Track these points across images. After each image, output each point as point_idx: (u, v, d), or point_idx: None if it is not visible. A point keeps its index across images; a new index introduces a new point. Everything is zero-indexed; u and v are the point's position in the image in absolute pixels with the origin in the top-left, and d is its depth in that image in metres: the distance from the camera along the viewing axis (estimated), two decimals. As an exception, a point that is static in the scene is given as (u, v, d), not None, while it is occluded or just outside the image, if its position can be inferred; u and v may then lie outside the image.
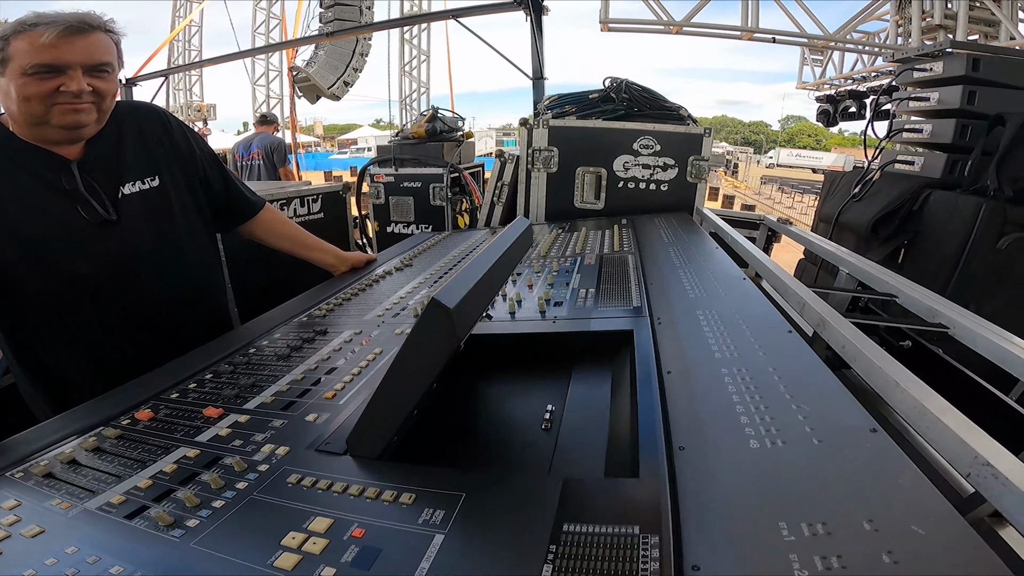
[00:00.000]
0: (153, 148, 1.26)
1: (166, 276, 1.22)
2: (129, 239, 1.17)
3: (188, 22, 13.89)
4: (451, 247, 1.76)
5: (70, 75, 1.08)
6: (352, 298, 1.33)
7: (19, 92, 1.06)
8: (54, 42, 1.06)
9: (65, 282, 1.10)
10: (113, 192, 1.17)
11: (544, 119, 1.99)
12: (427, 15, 4.97)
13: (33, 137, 1.11)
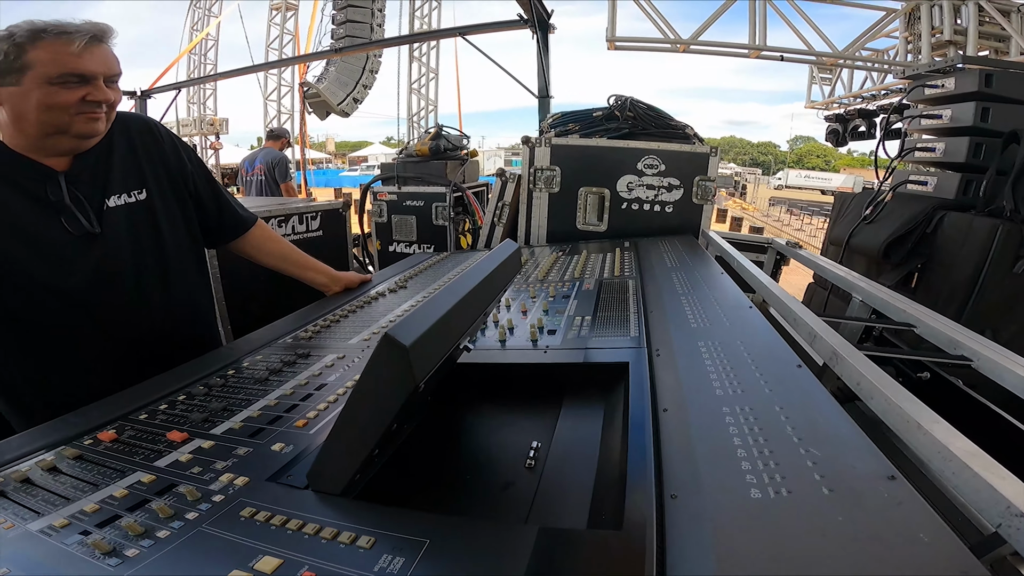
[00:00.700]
0: (142, 161, 1.25)
1: (149, 291, 1.20)
2: (112, 252, 1.16)
3: (204, 35, 14.22)
4: (448, 268, 1.74)
5: (95, 85, 1.09)
6: (341, 320, 1.29)
7: (43, 101, 1.05)
8: (80, 52, 1.07)
9: (45, 294, 1.09)
10: (98, 204, 1.16)
11: (546, 137, 1.97)
12: (435, 32, 5.05)
13: (27, 148, 1.10)
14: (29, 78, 1.05)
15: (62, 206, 1.11)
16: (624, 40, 5.52)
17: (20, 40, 1.04)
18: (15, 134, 1.10)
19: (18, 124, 1.09)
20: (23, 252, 1.07)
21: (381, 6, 12.22)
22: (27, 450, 0.77)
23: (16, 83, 1.05)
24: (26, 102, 1.06)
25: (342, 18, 11.74)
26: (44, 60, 1.04)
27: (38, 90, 1.05)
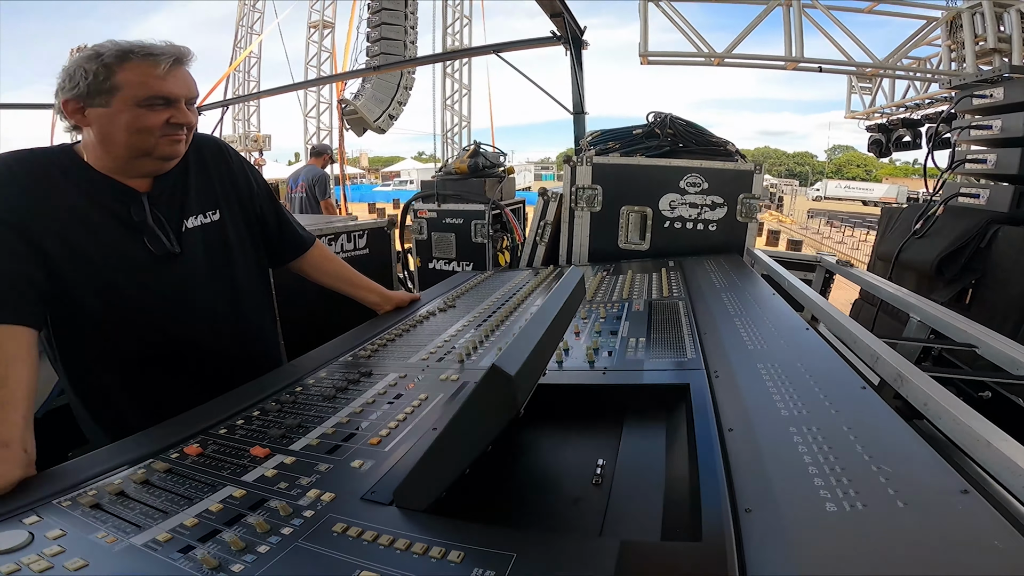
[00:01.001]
0: (215, 182, 1.30)
1: (221, 310, 1.27)
2: (189, 272, 1.21)
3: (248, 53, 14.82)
4: (493, 288, 1.78)
5: (178, 107, 1.12)
6: (396, 339, 1.35)
7: (132, 124, 1.08)
8: (165, 74, 1.09)
9: (125, 311, 1.14)
10: (177, 225, 1.21)
11: (587, 156, 2.01)
12: (469, 50, 5.19)
13: (113, 169, 1.14)
14: (118, 100, 1.07)
15: (145, 227, 1.15)
16: (657, 55, 5.55)
17: (108, 61, 1.05)
18: (102, 155, 1.13)
19: (105, 145, 1.11)
20: (109, 269, 1.11)
21: (413, 23, 12.66)
22: (117, 463, 0.83)
23: (105, 104, 1.07)
24: (114, 124, 1.08)
25: (376, 35, 12.22)
26: (132, 82, 1.06)
27: (127, 112, 1.07)
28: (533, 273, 1.91)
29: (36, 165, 1.09)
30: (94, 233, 1.10)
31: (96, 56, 1.05)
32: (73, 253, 1.07)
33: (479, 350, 1.19)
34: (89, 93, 1.05)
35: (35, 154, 1.11)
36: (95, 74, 1.04)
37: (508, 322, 1.36)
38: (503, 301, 1.58)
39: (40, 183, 1.07)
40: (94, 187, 1.12)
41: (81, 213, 1.09)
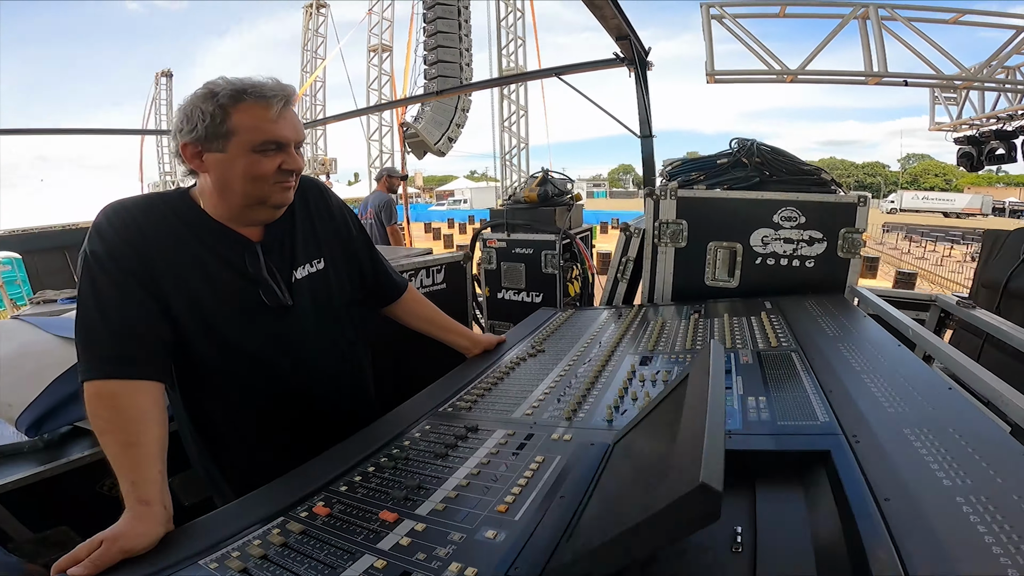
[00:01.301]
0: (318, 229, 1.30)
1: (327, 358, 1.29)
2: (300, 323, 1.22)
3: (314, 79, 15.63)
4: (579, 329, 1.76)
5: (289, 152, 1.10)
6: (492, 388, 1.36)
7: (248, 171, 1.06)
8: (277, 117, 1.07)
9: (237, 360, 1.16)
10: (287, 276, 1.21)
11: (670, 188, 1.98)
12: (531, 73, 5.26)
13: (227, 217, 1.13)
14: (234, 145, 1.05)
15: (260, 279, 1.15)
16: (725, 74, 5.43)
17: (223, 101, 1.03)
18: (218, 203, 1.12)
19: (222, 193, 1.10)
20: (224, 320, 1.13)
21: (467, 45, 13.11)
22: (248, 520, 0.87)
23: (222, 150, 1.05)
24: (231, 171, 1.07)
25: (433, 59, 12.72)
26: (247, 126, 1.04)
27: (242, 158, 1.06)
28: (616, 314, 1.89)
29: (158, 213, 1.09)
30: (212, 284, 1.11)
31: (211, 96, 1.03)
32: (191, 304, 1.09)
33: (584, 405, 1.19)
34: (207, 137, 1.04)
35: (156, 201, 1.12)
36: (212, 116, 1.03)
37: (606, 373, 1.35)
38: (594, 347, 1.56)
39: (162, 232, 1.08)
40: (212, 236, 1.12)
41: (200, 263, 1.10)
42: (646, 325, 1.70)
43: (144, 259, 1.04)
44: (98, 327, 0.99)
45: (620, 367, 1.38)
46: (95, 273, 1.01)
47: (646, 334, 1.61)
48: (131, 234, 1.04)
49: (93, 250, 1.03)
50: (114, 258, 1.02)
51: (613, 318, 1.84)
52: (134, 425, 0.94)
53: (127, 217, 1.06)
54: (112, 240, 1.03)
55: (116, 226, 1.04)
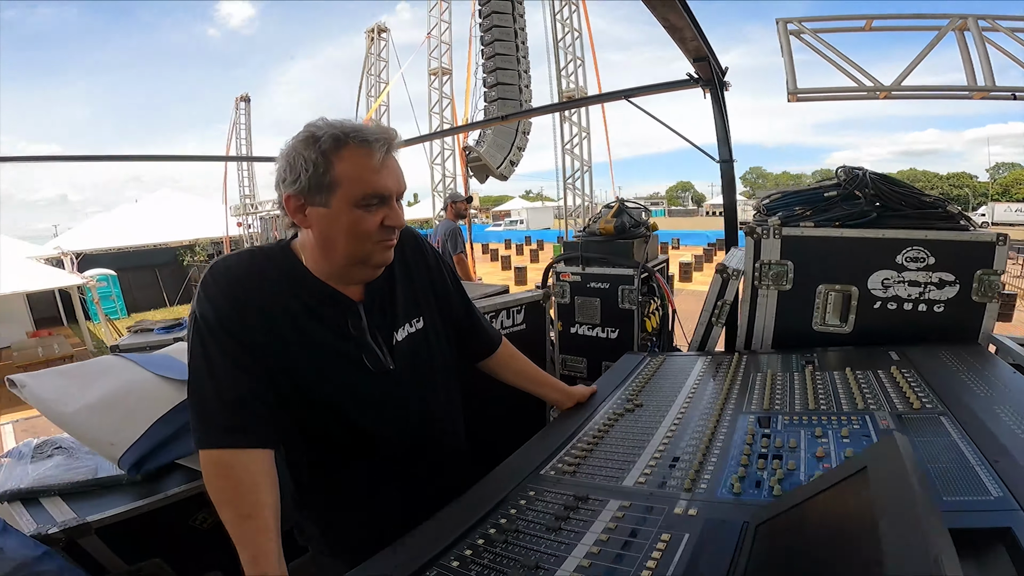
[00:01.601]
0: (416, 285, 1.26)
1: (428, 421, 1.25)
2: (401, 387, 1.18)
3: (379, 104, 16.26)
4: (676, 381, 1.68)
5: (391, 205, 1.05)
6: (594, 448, 1.30)
7: (351, 228, 1.02)
8: (380, 166, 1.02)
9: (337, 424, 1.13)
10: (388, 338, 1.17)
11: (773, 226, 1.86)
12: (600, 96, 5.18)
13: (329, 275, 1.10)
14: (337, 199, 1.01)
15: (363, 342, 1.12)
16: (810, 91, 5.15)
17: (325, 147, 0.99)
18: (320, 260, 1.09)
19: (325, 251, 1.07)
20: (325, 384, 1.09)
21: (526, 67, 13.32)
22: None
23: (325, 204, 1.01)
24: (334, 227, 1.03)
25: (492, 81, 13.02)
26: (350, 177, 1.00)
27: (345, 214, 1.01)
28: (713, 363, 1.78)
29: (260, 271, 1.08)
30: (314, 347, 1.08)
31: (313, 141, 1.00)
32: (293, 368, 1.06)
33: (703, 473, 1.11)
34: (310, 189, 1.01)
35: (258, 257, 1.10)
36: (315, 165, 0.99)
37: (721, 435, 1.27)
38: (698, 402, 1.47)
39: (266, 293, 1.05)
40: (314, 296, 1.09)
41: (302, 324, 1.07)
42: (752, 377, 1.59)
43: (250, 323, 1.03)
44: (210, 395, 1.00)
45: (736, 428, 1.29)
46: (205, 339, 1.02)
47: (756, 388, 1.50)
48: (237, 297, 1.03)
49: (202, 314, 1.03)
50: (222, 323, 1.01)
51: (711, 368, 1.74)
52: (250, 496, 0.94)
53: (232, 278, 1.05)
54: (219, 304, 1.03)
55: (223, 288, 1.04)
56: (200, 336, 1.02)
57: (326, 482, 1.20)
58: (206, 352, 1.01)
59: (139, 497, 1.54)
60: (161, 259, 24.03)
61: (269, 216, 17.66)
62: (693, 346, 2.05)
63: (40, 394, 1.62)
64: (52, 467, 1.68)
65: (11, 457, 1.78)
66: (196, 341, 1.02)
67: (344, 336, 1.11)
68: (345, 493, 1.21)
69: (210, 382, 1.00)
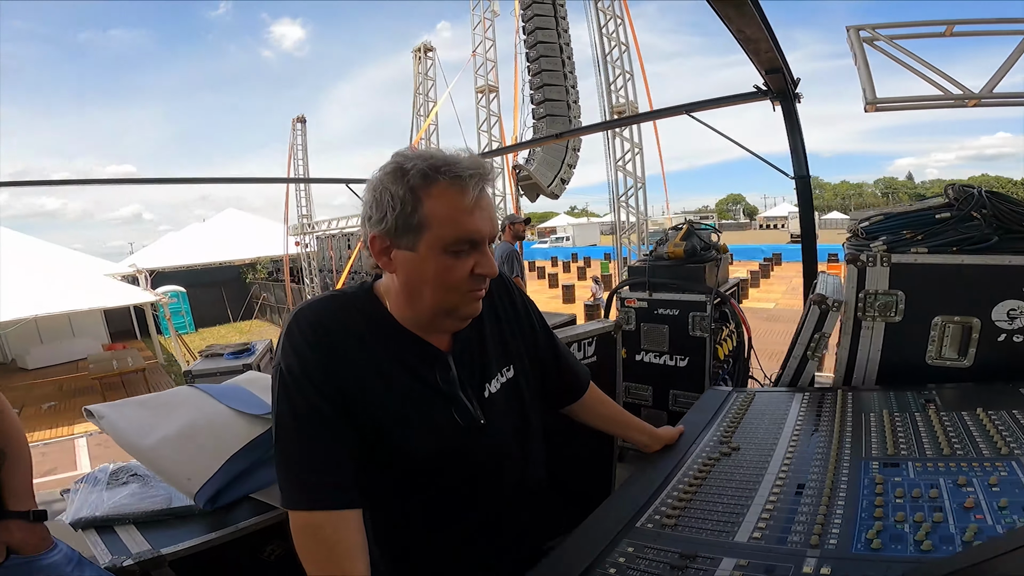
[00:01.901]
0: (505, 331, 1.18)
1: (518, 476, 1.18)
2: (493, 442, 1.10)
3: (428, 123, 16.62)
4: (773, 419, 1.55)
5: (483, 251, 0.96)
6: (692, 497, 1.19)
7: (439, 277, 0.94)
8: (472, 206, 0.93)
9: (426, 483, 1.07)
10: (479, 390, 1.09)
11: (880, 254, 1.70)
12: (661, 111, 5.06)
13: (413, 323, 1.03)
14: (424, 243, 0.92)
15: (454, 396, 1.05)
16: (889, 101, 4.86)
17: (414, 183, 0.91)
18: (404, 307, 1.02)
19: (410, 299, 1.00)
20: (413, 440, 1.02)
21: (573, 82, 13.32)
22: None
23: (411, 247, 0.93)
24: (421, 275, 0.96)
25: (540, 97, 13.08)
26: (439, 217, 0.91)
27: (433, 260, 0.93)
28: (812, 400, 1.64)
29: (346, 319, 1.01)
30: (403, 401, 1.01)
31: (401, 174, 0.92)
32: (381, 422, 0.99)
33: (830, 527, 0.99)
34: (397, 229, 0.93)
35: (344, 304, 1.04)
36: (402, 202, 0.91)
37: (842, 482, 1.14)
38: (805, 445, 1.34)
39: (352, 341, 0.99)
40: (401, 346, 1.02)
41: (388, 376, 1.00)
42: (865, 417, 1.44)
43: (338, 376, 0.96)
44: (298, 454, 0.94)
45: (858, 475, 1.16)
46: (291, 393, 0.96)
47: (872, 430, 1.36)
48: (324, 348, 0.97)
49: (288, 366, 0.96)
50: (309, 376, 0.95)
51: (812, 406, 1.59)
52: (342, 561, 0.89)
53: (318, 326, 0.98)
54: (305, 355, 0.96)
55: (308, 338, 0.97)
56: (286, 390, 0.96)
57: (411, 543, 1.13)
58: (293, 407, 0.95)
59: (211, 529, 1.55)
60: (226, 276, 25.48)
61: (325, 236, 18.30)
62: (785, 380, 1.90)
63: (118, 425, 1.68)
64: (127, 495, 1.72)
65: (87, 483, 1.83)
66: (282, 395, 0.96)
67: (433, 389, 1.04)
68: (432, 555, 1.14)
69: (298, 439, 0.94)
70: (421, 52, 15.51)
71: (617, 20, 10.79)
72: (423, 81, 17.09)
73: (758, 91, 4.03)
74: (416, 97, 17.36)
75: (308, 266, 19.46)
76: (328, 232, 18.18)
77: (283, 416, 0.96)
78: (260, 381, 2.07)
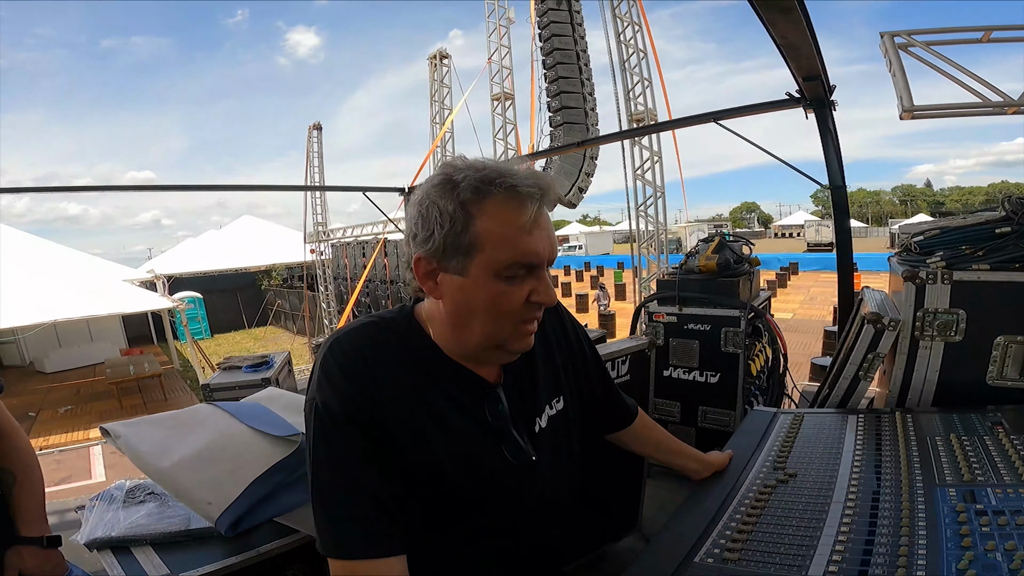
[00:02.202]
0: (556, 360, 1.11)
1: (565, 513, 1.12)
2: (543, 479, 1.03)
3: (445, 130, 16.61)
4: (828, 443, 1.48)
5: (541, 276, 0.86)
6: (753, 528, 1.12)
7: (493, 304, 0.85)
8: (531, 225, 0.83)
9: (476, 526, 0.99)
10: (530, 425, 1.02)
11: (938, 269, 1.62)
12: (688, 119, 4.99)
13: (458, 353, 0.95)
14: (476, 266, 0.84)
15: (505, 433, 0.98)
16: (926, 109, 4.75)
17: (465, 197, 0.82)
18: (449, 337, 0.94)
19: (457, 328, 0.91)
20: (457, 477, 0.94)
21: (590, 90, 13.25)
22: None
23: (460, 271, 0.85)
24: (470, 302, 0.87)
25: (557, 105, 13.03)
26: (493, 237, 0.82)
27: (484, 287, 0.84)
28: (870, 425, 1.57)
29: (387, 349, 0.92)
30: (449, 437, 0.93)
31: (450, 188, 0.83)
32: (426, 461, 0.92)
33: (914, 559, 0.92)
34: (445, 250, 0.84)
35: (383, 331, 0.95)
36: (452, 220, 0.82)
37: (919, 511, 1.06)
38: (868, 471, 1.27)
39: (394, 374, 0.91)
40: (446, 377, 0.95)
41: (434, 411, 0.92)
42: (931, 441, 1.37)
43: (378, 412, 0.88)
44: (337, 499, 0.86)
45: (935, 502, 1.09)
46: (329, 431, 0.87)
47: (941, 455, 1.29)
48: (364, 381, 0.88)
49: (325, 403, 0.87)
50: (349, 413, 0.87)
51: (869, 429, 1.52)
52: None
53: (357, 359, 0.89)
54: (344, 390, 0.87)
55: (347, 371, 0.88)
56: (323, 428, 0.88)
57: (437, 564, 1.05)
58: (331, 448, 0.87)
59: (231, 552, 1.48)
60: (241, 283, 25.82)
61: (340, 244, 18.42)
62: (834, 401, 1.82)
63: (135, 446, 1.62)
64: (144, 515, 1.65)
65: (102, 500, 1.75)
66: (318, 434, 0.88)
67: (483, 425, 0.97)
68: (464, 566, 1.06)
69: (338, 482, 0.86)
70: (437, 59, 15.58)
71: (635, 26, 10.73)
72: (439, 88, 17.15)
73: (791, 98, 3.91)
74: (432, 104, 17.43)
75: (323, 274, 19.58)
76: (343, 240, 18.31)
77: (320, 457, 0.88)
78: (280, 399, 2.01)
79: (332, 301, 18.86)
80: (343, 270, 18.02)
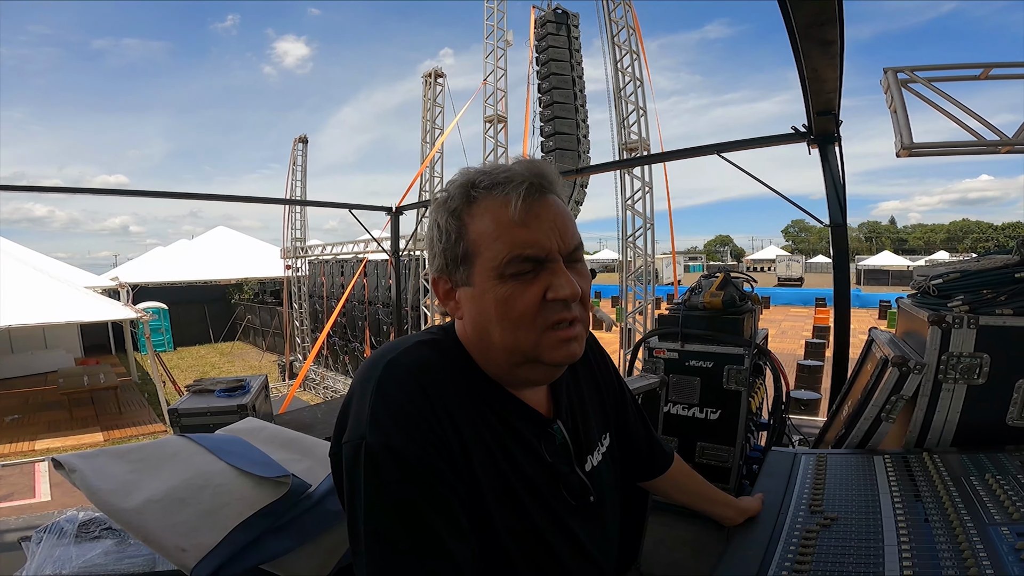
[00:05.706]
0: (602, 390, 1.05)
1: (612, 559, 1.04)
2: (598, 521, 0.96)
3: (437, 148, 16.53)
4: (861, 484, 1.46)
5: (553, 269, 0.78)
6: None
7: (502, 308, 0.77)
8: (521, 215, 0.76)
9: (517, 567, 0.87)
10: (583, 462, 0.95)
11: (963, 314, 1.64)
12: (690, 150, 5.08)
13: (496, 375, 0.86)
14: (478, 272, 0.79)
15: (562, 472, 0.90)
16: (925, 147, 4.93)
17: (455, 205, 0.79)
18: (481, 358, 0.85)
19: (483, 345, 0.83)
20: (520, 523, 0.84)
21: (584, 116, 13.51)
22: None
23: (467, 282, 0.80)
24: (483, 310, 0.80)
25: (550, 130, 13.23)
26: (485, 238, 0.77)
27: (489, 291, 0.78)
28: (900, 465, 1.56)
29: (445, 376, 0.81)
30: (512, 478, 0.82)
31: (444, 201, 0.80)
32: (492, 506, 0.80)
33: None
34: (448, 265, 0.81)
35: (439, 357, 0.83)
36: (447, 232, 0.79)
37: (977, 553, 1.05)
38: (914, 513, 1.25)
39: (456, 405, 0.79)
40: (502, 408, 0.85)
41: (498, 449, 0.82)
42: (967, 481, 1.37)
43: (452, 452, 0.76)
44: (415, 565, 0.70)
45: (993, 541, 1.08)
46: (396, 485, 0.71)
47: (982, 494, 1.29)
48: (433, 417, 0.75)
49: (385, 444, 0.72)
50: (421, 457, 0.73)
51: (900, 470, 1.51)
52: None
53: (418, 391, 0.77)
54: (410, 431, 0.73)
55: (417, 403, 0.75)
56: (382, 478, 0.72)
57: None
58: (397, 502, 0.71)
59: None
60: (211, 296, 25.13)
61: (318, 261, 18.11)
62: (852, 442, 1.81)
63: (93, 482, 1.36)
64: (101, 554, 1.45)
65: (51, 533, 1.53)
66: (375, 482, 0.72)
67: (542, 462, 0.87)
68: None
69: (414, 547, 0.70)
70: (432, 78, 15.71)
71: (633, 55, 11.00)
72: (431, 107, 17.22)
73: (796, 132, 3.95)
74: (424, 123, 17.47)
75: (298, 290, 19.20)
76: (321, 257, 18.02)
77: (385, 519, 0.71)
78: (262, 432, 1.73)
79: (307, 319, 18.46)
80: (320, 288, 17.70)
